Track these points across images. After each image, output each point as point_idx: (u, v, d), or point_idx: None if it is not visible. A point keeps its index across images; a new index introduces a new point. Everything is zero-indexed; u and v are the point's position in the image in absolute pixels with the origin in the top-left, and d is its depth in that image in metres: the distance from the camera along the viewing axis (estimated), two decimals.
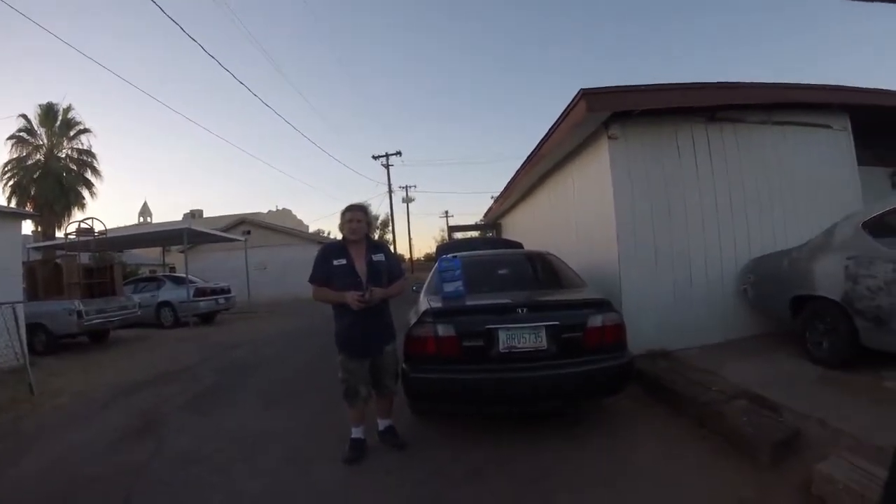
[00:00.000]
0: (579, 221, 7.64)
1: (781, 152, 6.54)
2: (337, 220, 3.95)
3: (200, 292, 14.76)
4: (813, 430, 3.39)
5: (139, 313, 12.40)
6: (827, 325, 4.72)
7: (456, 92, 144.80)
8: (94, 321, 10.68)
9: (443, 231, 53.75)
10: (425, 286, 4.97)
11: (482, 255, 5.94)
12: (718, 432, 3.70)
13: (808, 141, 6.65)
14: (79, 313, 10.18)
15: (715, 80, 6.12)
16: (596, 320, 3.84)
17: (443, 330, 3.80)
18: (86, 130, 26.73)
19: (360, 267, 3.78)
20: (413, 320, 4.01)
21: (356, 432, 3.84)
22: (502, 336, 3.74)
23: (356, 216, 3.82)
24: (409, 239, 47.23)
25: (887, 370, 4.21)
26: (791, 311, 5.23)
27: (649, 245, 6.06)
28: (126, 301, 12.12)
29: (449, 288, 4.25)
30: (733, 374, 4.66)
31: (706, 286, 6.18)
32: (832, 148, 6.72)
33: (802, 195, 6.50)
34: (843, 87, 6.51)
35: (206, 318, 15.24)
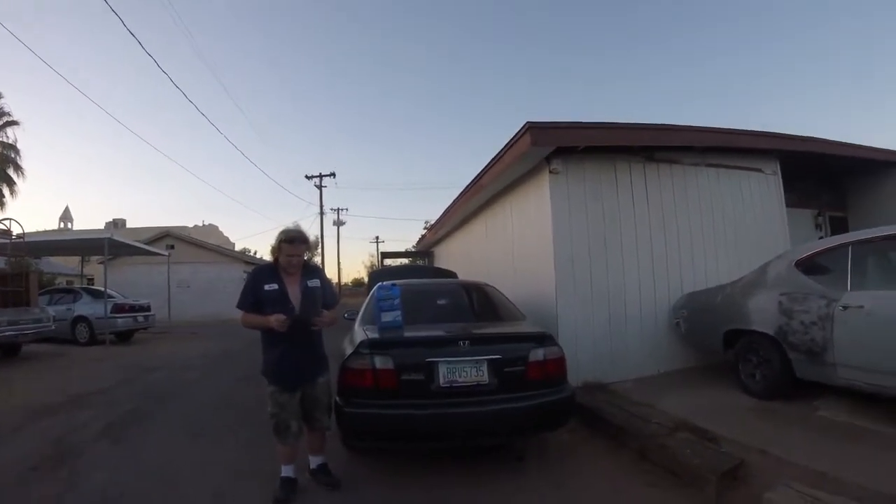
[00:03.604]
0: (517, 253, 7.66)
1: (714, 193, 6.81)
2: (266, 240, 3.69)
3: (119, 308, 13.89)
4: (755, 459, 3.45)
5: (53, 328, 11.55)
6: (760, 357, 4.90)
7: (392, 119, 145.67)
8: (6, 334, 10.00)
9: (372, 256, 53.44)
10: (360, 314, 4.77)
11: (420, 284, 5.77)
12: (661, 465, 3.71)
13: (740, 183, 6.98)
14: None
15: (656, 122, 6.33)
16: (538, 354, 3.78)
17: (380, 362, 3.63)
18: (13, 122, 25.29)
19: (294, 293, 3.54)
20: (348, 351, 3.81)
21: (286, 471, 3.58)
22: (443, 369, 3.61)
23: (297, 251, 3.53)
24: (339, 263, 46.54)
25: (820, 400, 4.46)
26: (723, 345, 5.39)
27: (586, 278, 6.11)
28: (41, 313, 11.28)
29: (387, 318, 4.05)
30: (671, 407, 4.71)
31: (640, 320, 6.29)
32: (762, 191, 7.07)
33: (733, 234, 6.79)
34: (774, 133, 6.87)
35: (124, 337, 14.41)
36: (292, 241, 3.52)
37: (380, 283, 4.49)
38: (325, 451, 3.81)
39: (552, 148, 5.91)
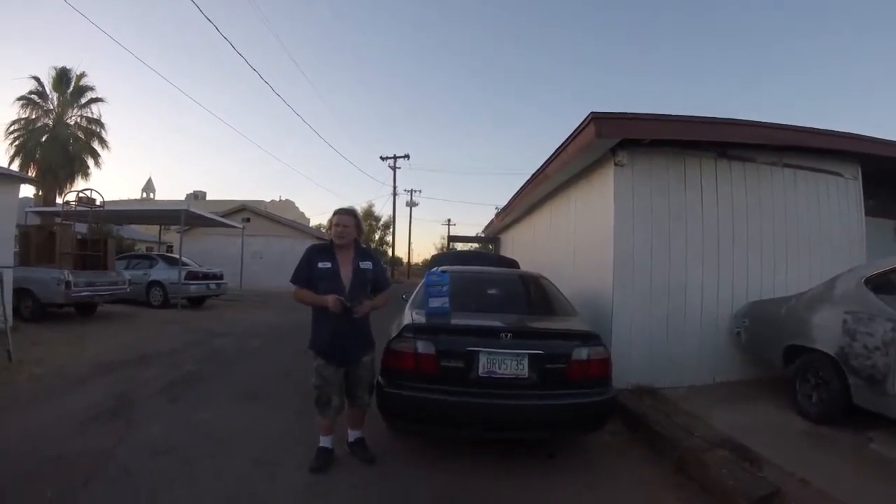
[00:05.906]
0: (578, 245, 7.52)
1: (789, 196, 6.44)
2: None
3: (192, 275, 14.58)
4: (794, 488, 3.25)
5: (128, 290, 12.31)
6: (819, 378, 4.60)
7: (469, 103, 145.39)
8: (82, 293, 10.65)
9: (443, 238, 53.62)
10: (412, 298, 4.83)
11: (473, 272, 5.76)
12: (696, 481, 3.57)
13: (817, 187, 6.56)
14: (67, 283, 10.15)
15: (728, 117, 5.98)
16: (581, 353, 3.72)
17: (422, 347, 3.69)
18: (98, 99, 26.82)
19: (346, 273, 3.67)
20: (394, 333, 3.90)
21: (324, 441, 3.73)
22: (483, 359, 3.62)
23: (343, 221, 3.70)
24: (410, 243, 47.37)
25: (875, 431, 4.13)
26: (784, 360, 5.12)
27: (646, 276, 5.93)
28: (116, 276, 12.05)
29: (434, 303, 4.13)
30: (719, 421, 4.53)
31: (700, 325, 6.05)
32: (841, 196, 6.63)
33: (806, 242, 6.41)
34: (857, 135, 6.38)
35: (196, 302, 15.11)
36: (339, 213, 3.74)
37: (430, 270, 4.53)
38: (364, 426, 3.93)
39: (616, 140, 5.73)
